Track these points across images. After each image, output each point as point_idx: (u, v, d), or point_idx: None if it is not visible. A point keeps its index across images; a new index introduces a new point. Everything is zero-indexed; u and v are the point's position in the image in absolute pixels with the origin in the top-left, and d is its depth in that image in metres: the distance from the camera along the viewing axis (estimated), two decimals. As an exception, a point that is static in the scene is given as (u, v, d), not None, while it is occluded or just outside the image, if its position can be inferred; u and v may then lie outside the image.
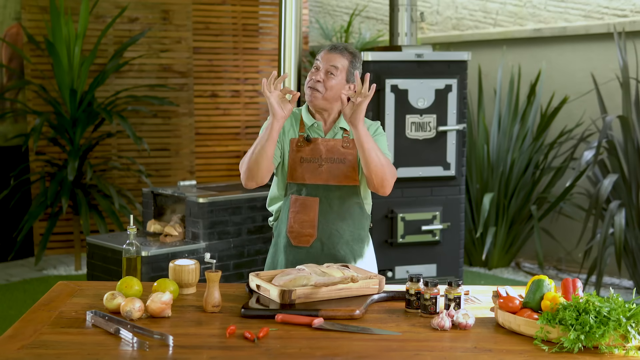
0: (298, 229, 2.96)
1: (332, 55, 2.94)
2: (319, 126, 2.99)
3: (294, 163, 2.95)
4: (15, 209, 6.56)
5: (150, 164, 7.08)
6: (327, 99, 2.93)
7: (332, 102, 2.95)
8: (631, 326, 2.19)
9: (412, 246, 5.16)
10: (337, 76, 2.92)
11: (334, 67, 2.91)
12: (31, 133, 6.07)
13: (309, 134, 2.98)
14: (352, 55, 2.97)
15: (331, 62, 2.92)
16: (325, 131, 3.00)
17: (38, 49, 6.59)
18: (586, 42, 6.34)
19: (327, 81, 2.91)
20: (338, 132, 2.99)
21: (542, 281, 2.40)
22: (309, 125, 2.99)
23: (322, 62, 2.94)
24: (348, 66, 2.94)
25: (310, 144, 2.96)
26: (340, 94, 2.92)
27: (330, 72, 2.92)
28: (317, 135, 2.98)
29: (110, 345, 2.20)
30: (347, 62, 2.94)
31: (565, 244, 6.42)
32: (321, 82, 2.92)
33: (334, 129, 2.99)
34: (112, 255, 4.68)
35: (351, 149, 2.96)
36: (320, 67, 2.94)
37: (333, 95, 2.93)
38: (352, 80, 2.95)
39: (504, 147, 6.32)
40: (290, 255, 2.98)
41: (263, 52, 7.54)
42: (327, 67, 2.92)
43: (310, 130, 2.99)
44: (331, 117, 3.00)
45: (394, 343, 2.25)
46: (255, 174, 2.84)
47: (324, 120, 3.00)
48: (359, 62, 2.99)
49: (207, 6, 7.30)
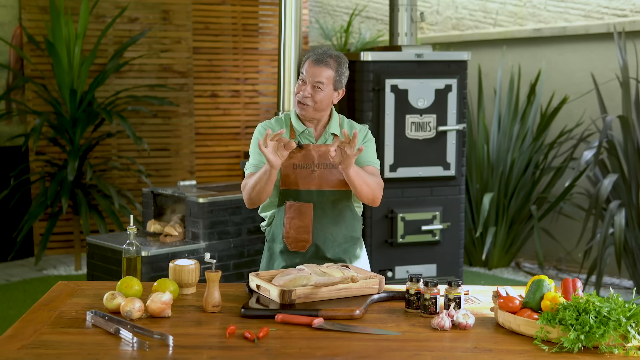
0: (294, 234, 2.99)
1: (317, 69, 2.95)
2: (309, 132, 3.03)
3: (286, 170, 2.98)
4: (15, 209, 6.56)
5: (150, 164, 7.09)
6: (317, 110, 2.98)
7: (322, 111, 3.00)
8: (631, 326, 2.19)
9: (412, 246, 5.16)
10: (324, 89, 2.96)
11: (320, 83, 2.94)
12: (31, 133, 6.07)
13: (299, 140, 3.01)
14: (336, 63, 2.98)
15: (317, 77, 2.94)
16: (316, 137, 3.04)
17: (38, 49, 6.59)
18: (586, 42, 6.34)
19: (315, 95, 2.95)
20: (329, 138, 3.03)
21: (542, 281, 2.40)
22: (300, 132, 3.02)
23: (308, 76, 2.95)
24: (334, 76, 2.97)
25: (302, 150, 2.99)
26: (330, 102, 2.99)
27: (317, 87, 2.95)
28: (308, 142, 3.01)
29: (110, 345, 2.20)
30: (333, 73, 2.96)
31: (565, 244, 6.42)
32: (309, 97, 2.95)
33: (324, 134, 3.03)
34: (112, 255, 4.68)
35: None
36: (306, 81, 2.96)
37: (322, 107, 2.98)
38: (339, 88, 2.99)
39: (504, 147, 6.31)
40: (288, 260, 3.01)
41: (263, 52, 7.54)
42: (313, 83, 2.94)
43: (301, 137, 3.02)
44: (321, 124, 3.05)
45: (394, 343, 2.25)
46: (257, 203, 2.97)
47: (314, 127, 3.04)
48: (345, 67, 3.02)
49: (207, 6, 7.30)
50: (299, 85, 2.99)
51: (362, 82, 5.04)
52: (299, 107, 2.98)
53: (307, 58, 2.99)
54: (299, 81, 3.00)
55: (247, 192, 2.95)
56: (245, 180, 2.98)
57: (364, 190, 2.90)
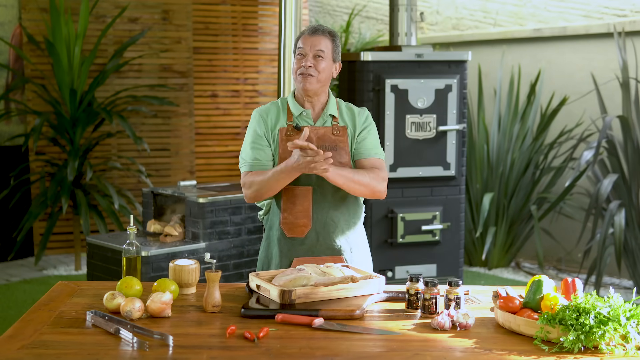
0: (292, 219, 2.91)
1: (316, 38, 2.93)
2: (307, 114, 2.97)
3: (284, 153, 2.90)
4: (15, 209, 6.56)
5: (150, 164, 7.08)
6: (320, 81, 2.93)
7: (324, 84, 2.96)
8: (631, 326, 2.19)
9: (412, 246, 5.16)
10: (325, 58, 2.93)
11: (321, 51, 2.92)
12: (31, 133, 6.07)
13: (297, 123, 2.96)
14: (331, 34, 2.98)
15: (317, 46, 2.92)
16: (314, 119, 2.98)
17: (38, 49, 6.59)
18: (586, 42, 6.34)
19: (318, 65, 2.92)
20: (327, 120, 2.97)
21: (542, 281, 2.40)
22: (297, 114, 2.97)
23: (307, 47, 2.92)
24: (332, 46, 2.96)
25: (300, 132, 2.92)
26: (330, 74, 2.96)
27: (319, 56, 2.92)
28: (306, 124, 2.96)
29: (110, 345, 2.20)
30: (331, 44, 2.96)
31: (565, 244, 6.41)
32: (312, 66, 2.91)
33: (323, 116, 2.97)
34: (112, 255, 4.67)
35: (342, 136, 2.95)
36: (307, 52, 2.93)
37: (325, 78, 2.94)
38: (337, 60, 2.98)
39: (504, 147, 6.32)
40: (285, 247, 2.93)
41: (263, 52, 7.54)
42: (314, 52, 2.92)
43: (298, 119, 2.97)
44: (319, 105, 2.98)
45: (394, 343, 2.25)
46: (264, 197, 2.90)
47: (312, 107, 2.98)
48: (339, 40, 3.02)
49: (207, 6, 7.29)
50: (298, 60, 2.94)
51: (362, 82, 5.04)
52: (302, 80, 2.91)
53: (301, 34, 2.98)
54: (296, 56, 2.95)
55: (255, 190, 2.87)
56: (251, 179, 2.88)
57: (354, 188, 2.86)
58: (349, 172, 2.85)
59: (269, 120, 2.96)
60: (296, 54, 2.95)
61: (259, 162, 2.92)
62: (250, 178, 2.90)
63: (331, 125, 2.96)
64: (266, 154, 2.93)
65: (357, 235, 3.02)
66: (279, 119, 2.96)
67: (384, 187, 2.92)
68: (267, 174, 2.85)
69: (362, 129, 2.98)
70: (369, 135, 2.98)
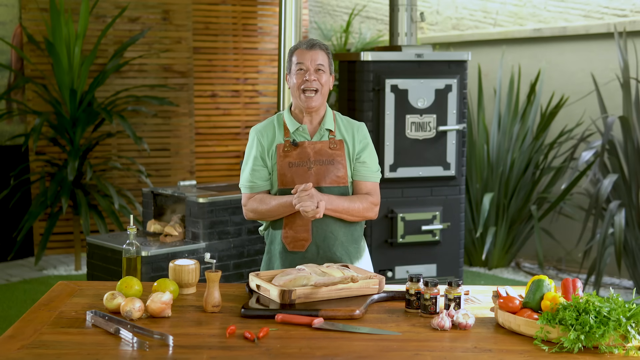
0: (292, 234, 2.96)
1: (315, 53, 2.97)
2: (304, 129, 3.01)
3: (282, 169, 2.96)
4: (15, 209, 6.56)
5: (150, 164, 7.09)
6: (323, 95, 2.99)
7: (325, 97, 3.01)
8: (631, 326, 2.19)
9: (412, 246, 5.16)
10: (325, 72, 2.98)
11: (321, 65, 2.97)
12: (31, 133, 6.07)
13: (294, 138, 2.99)
14: (325, 47, 3.02)
15: (317, 60, 2.96)
16: (311, 133, 3.02)
17: (38, 49, 6.59)
18: (586, 42, 6.34)
19: (320, 79, 2.96)
20: (325, 134, 3.01)
21: (542, 281, 2.40)
22: (294, 130, 3.00)
23: (307, 61, 2.95)
24: (328, 60, 3.01)
25: (297, 148, 2.97)
26: (329, 88, 3.02)
27: (320, 70, 2.96)
28: (303, 139, 3.00)
29: (110, 345, 2.21)
30: (327, 57, 3.00)
31: (565, 244, 6.41)
32: (316, 80, 2.94)
33: (320, 130, 3.01)
34: (112, 255, 4.68)
35: (339, 150, 2.99)
36: (308, 67, 2.95)
37: (326, 91, 3.00)
38: (332, 72, 3.02)
39: (504, 147, 6.31)
40: (286, 261, 2.98)
41: (263, 52, 7.54)
42: (315, 66, 2.95)
43: (295, 134, 3.00)
44: (319, 117, 3.02)
45: (394, 343, 2.25)
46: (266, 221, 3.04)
47: (310, 122, 3.01)
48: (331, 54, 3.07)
49: (207, 6, 7.30)
50: (299, 75, 2.95)
51: (362, 82, 5.04)
52: (306, 98, 2.95)
53: (296, 49, 3.00)
54: (296, 72, 2.97)
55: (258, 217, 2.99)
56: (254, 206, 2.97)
57: (349, 218, 2.97)
58: (341, 204, 2.92)
59: (264, 140, 3.01)
60: (295, 69, 2.97)
61: (255, 184, 3.01)
62: (253, 205, 2.98)
63: (328, 140, 3.00)
64: (262, 175, 3.01)
65: (358, 247, 3.05)
66: (275, 136, 3.01)
67: (375, 213, 3.03)
68: (271, 203, 2.94)
69: (361, 147, 3.02)
70: (370, 157, 3.03)
